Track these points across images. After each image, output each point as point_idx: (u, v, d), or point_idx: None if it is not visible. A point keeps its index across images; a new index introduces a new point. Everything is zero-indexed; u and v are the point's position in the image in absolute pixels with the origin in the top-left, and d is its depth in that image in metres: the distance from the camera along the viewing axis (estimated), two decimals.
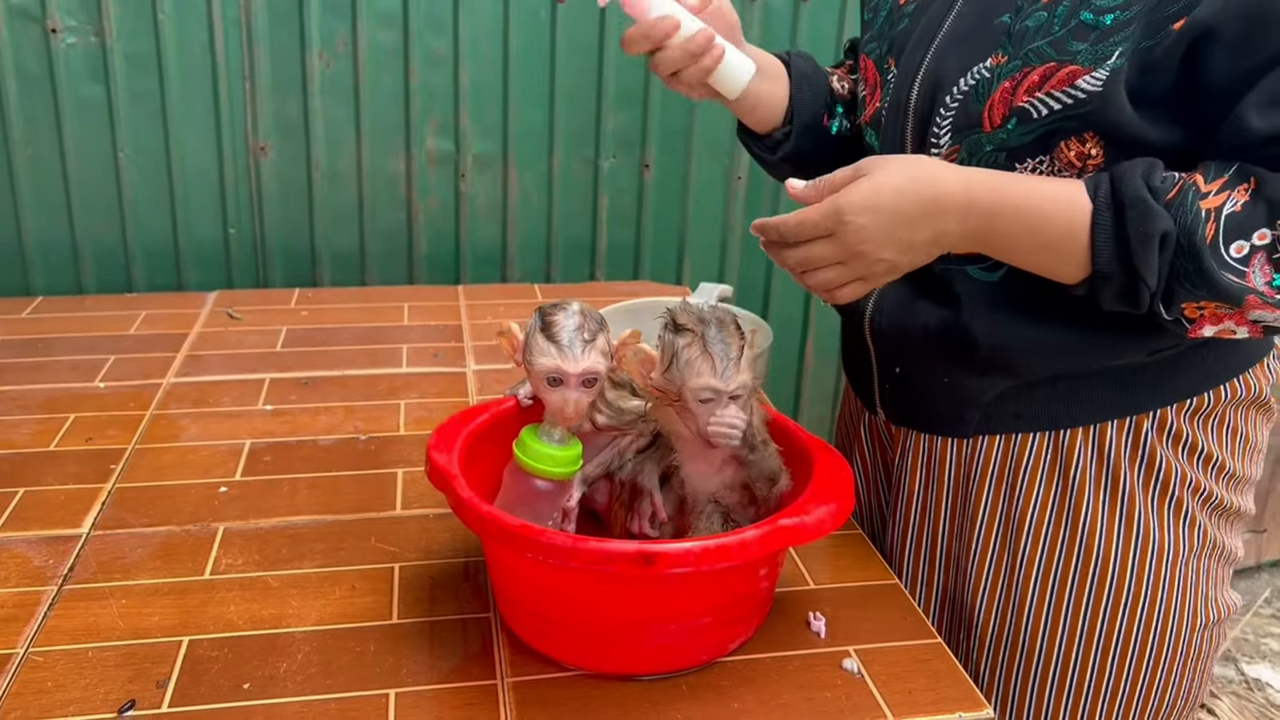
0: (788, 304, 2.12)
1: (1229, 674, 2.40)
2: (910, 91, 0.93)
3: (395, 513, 1.05)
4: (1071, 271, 0.82)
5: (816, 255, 0.82)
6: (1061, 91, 0.82)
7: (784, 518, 0.77)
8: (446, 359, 1.47)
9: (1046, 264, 0.83)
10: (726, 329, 0.83)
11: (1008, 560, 0.97)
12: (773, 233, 0.84)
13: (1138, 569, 0.94)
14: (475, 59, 1.80)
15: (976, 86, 0.87)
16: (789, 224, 0.82)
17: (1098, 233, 0.79)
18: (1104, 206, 0.79)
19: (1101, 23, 0.80)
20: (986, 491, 0.98)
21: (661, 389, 0.84)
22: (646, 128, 1.92)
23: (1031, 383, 0.94)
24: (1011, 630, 0.98)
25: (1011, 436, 0.96)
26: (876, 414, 1.07)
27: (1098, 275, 0.80)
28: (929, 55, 0.92)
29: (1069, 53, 0.82)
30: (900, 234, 0.80)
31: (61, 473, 1.10)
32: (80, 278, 1.76)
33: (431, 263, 1.90)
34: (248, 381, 1.36)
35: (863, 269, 0.82)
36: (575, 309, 0.85)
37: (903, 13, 0.98)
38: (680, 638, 0.81)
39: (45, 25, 1.62)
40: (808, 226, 0.81)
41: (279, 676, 0.81)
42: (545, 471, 0.85)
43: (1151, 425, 0.93)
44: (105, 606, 0.88)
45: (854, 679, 0.82)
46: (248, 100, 1.74)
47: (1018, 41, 0.85)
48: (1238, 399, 0.95)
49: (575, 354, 0.82)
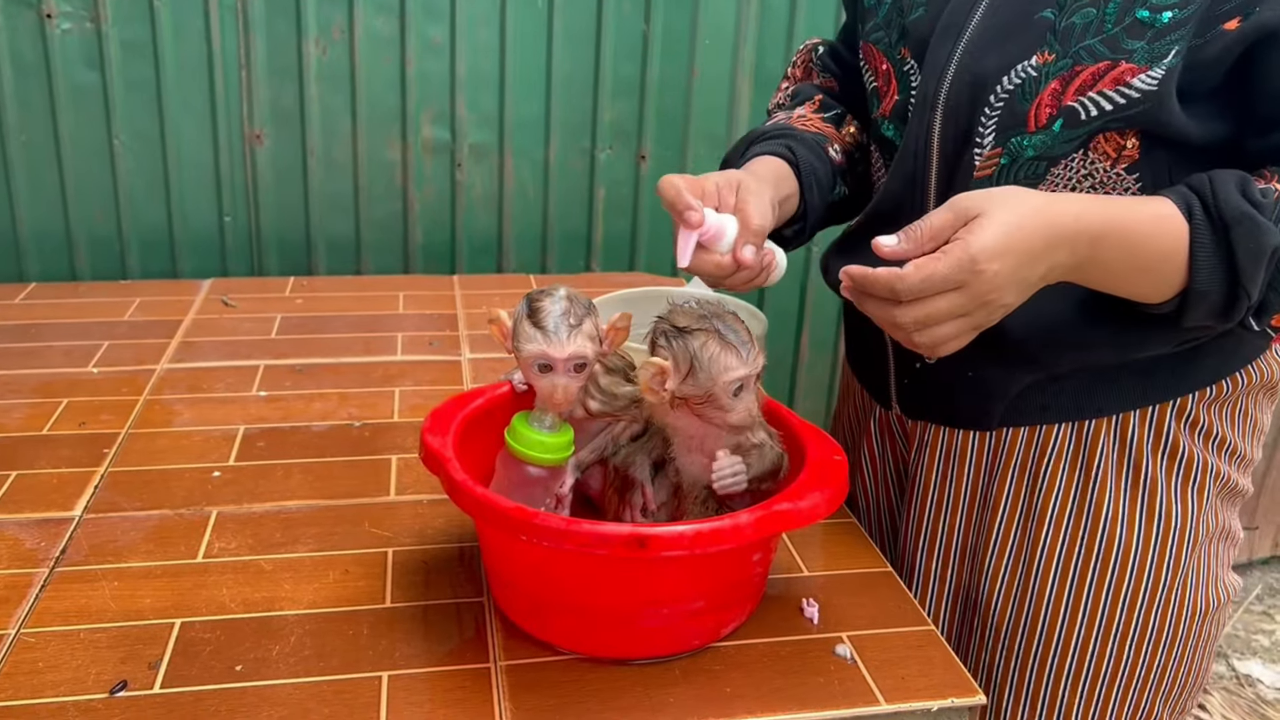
0: (783, 296, 2.11)
1: (1220, 669, 2.40)
2: (939, 86, 0.90)
3: (389, 498, 1.05)
4: (1161, 291, 0.80)
5: (941, 310, 0.75)
6: (1115, 91, 0.81)
7: (778, 503, 0.77)
8: (442, 347, 1.46)
9: (1138, 286, 0.80)
10: (726, 317, 0.83)
11: (1027, 551, 0.97)
12: (882, 289, 0.76)
13: (1158, 556, 0.94)
14: (472, 48, 1.80)
15: (1023, 85, 0.85)
16: (910, 280, 0.74)
17: (1198, 251, 0.77)
18: (1202, 225, 0.77)
19: (1159, 20, 0.79)
20: (1009, 483, 0.98)
21: (686, 395, 0.82)
22: (643, 119, 1.92)
23: (1057, 375, 0.93)
24: (1029, 620, 0.98)
25: (1035, 428, 0.96)
26: (890, 409, 1.06)
27: (1193, 293, 0.78)
28: (959, 49, 0.89)
29: (1124, 50, 0.80)
30: (1024, 274, 0.75)
31: (54, 456, 1.10)
32: (75, 265, 1.75)
33: (427, 252, 1.90)
34: (242, 368, 1.35)
35: (983, 318, 0.77)
36: (562, 294, 0.85)
37: (915, 1, 0.95)
38: (673, 622, 0.81)
39: (40, 11, 1.61)
40: (936, 280, 0.73)
41: (271, 659, 0.81)
42: (536, 458, 0.85)
43: (1173, 413, 0.93)
44: (97, 588, 0.88)
45: (847, 665, 0.83)
46: (243, 88, 1.73)
47: (1065, 39, 0.82)
48: (1251, 384, 0.96)
49: (561, 339, 0.82)
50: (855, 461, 1.14)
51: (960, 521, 1.02)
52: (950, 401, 0.99)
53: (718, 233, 0.87)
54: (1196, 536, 0.96)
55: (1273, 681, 2.38)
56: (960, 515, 1.02)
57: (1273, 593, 2.73)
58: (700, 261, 0.88)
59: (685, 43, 1.90)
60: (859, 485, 1.15)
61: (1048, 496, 0.96)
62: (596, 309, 0.87)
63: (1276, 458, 2.69)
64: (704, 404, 0.82)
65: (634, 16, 1.85)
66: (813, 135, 1.05)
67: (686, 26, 1.89)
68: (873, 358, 1.05)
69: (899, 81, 0.96)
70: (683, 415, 0.85)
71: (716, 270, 0.88)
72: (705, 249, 0.87)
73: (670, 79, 1.91)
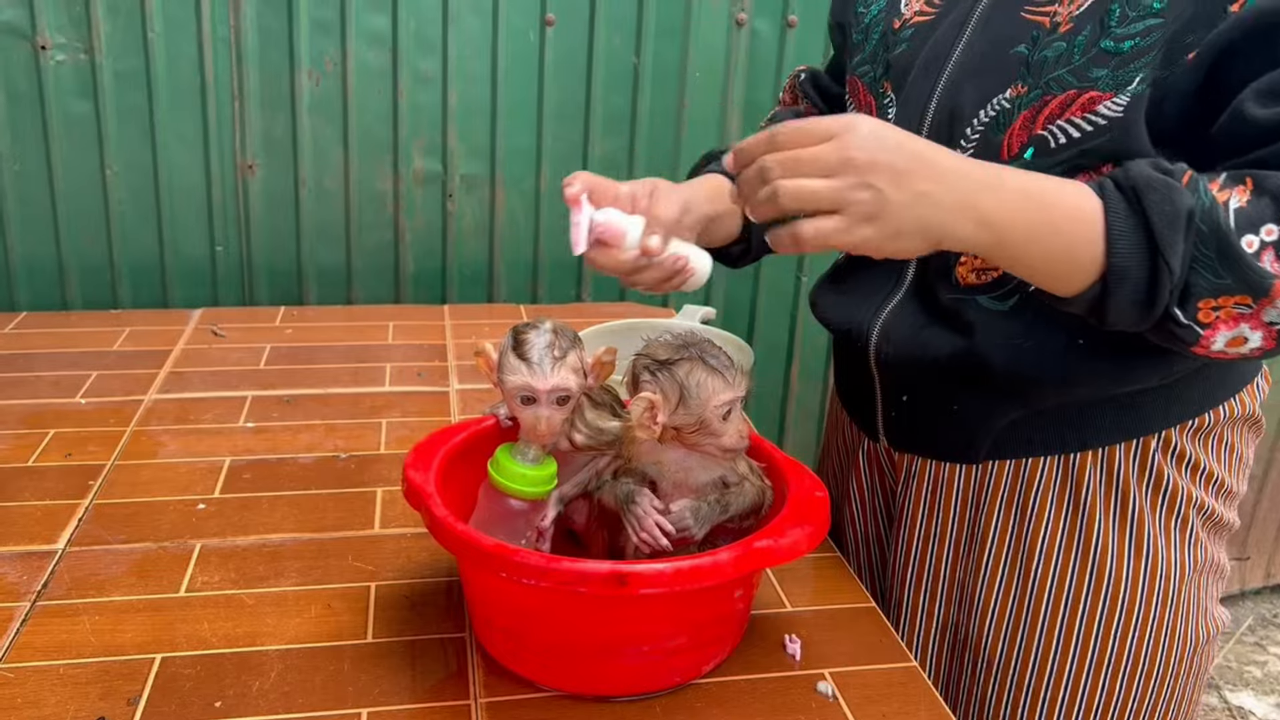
0: (773, 328, 2.12)
1: (1212, 701, 2.39)
2: (921, 121, 0.92)
3: (374, 531, 1.05)
4: (1080, 272, 0.76)
5: (807, 158, 0.72)
6: (1081, 118, 0.82)
7: (758, 539, 0.78)
8: (430, 378, 1.47)
9: (1055, 258, 0.76)
10: (703, 344, 0.84)
11: (1018, 585, 0.97)
12: (757, 145, 0.74)
13: (1147, 590, 0.94)
14: (463, 80, 1.81)
15: (997, 118, 0.86)
16: (784, 126, 0.73)
17: (1114, 221, 0.74)
18: (1114, 196, 0.75)
19: (1121, 48, 0.80)
20: (996, 517, 0.98)
21: (679, 426, 0.83)
22: (634, 150, 1.93)
23: (1041, 409, 0.94)
24: (1021, 654, 0.98)
25: (1022, 461, 0.96)
26: (878, 441, 1.06)
27: (1113, 271, 0.74)
28: (939, 85, 0.91)
29: (1089, 79, 0.81)
30: (901, 162, 0.72)
31: (39, 488, 1.10)
32: (66, 294, 1.76)
33: (418, 282, 1.91)
34: (230, 399, 1.36)
35: (847, 189, 0.71)
36: (547, 327, 0.85)
37: (899, 37, 0.97)
38: (654, 659, 0.80)
39: (35, 42, 1.62)
40: (807, 125, 0.73)
41: (251, 695, 0.80)
42: (519, 491, 0.85)
43: (1158, 445, 0.94)
44: (78, 623, 0.88)
45: (828, 702, 0.82)
46: (236, 118, 1.74)
47: (1037, 71, 0.84)
48: (1234, 417, 0.96)
49: (545, 371, 0.83)
50: (844, 493, 1.14)
51: (948, 555, 1.02)
52: (935, 434, 1.00)
53: (620, 230, 0.89)
54: (1184, 570, 0.96)
55: (1265, 713, 2.38)
56: (948, 549, 1.02)
57: (1264, 624, 2.73)
58: (604, 257, 0.90)
59: (675, 75, 1.91)
60: (847, 517, 1.15)
61: (1037, 529, 0.96)
62: (582, 343, 0.87)
63: (1266, 489, 2.69)
64: (696, 432, 0.83)
65: (624, 49, 1.87)
66: None
67: (676, 59, 1.91)
68: (861, 390, 1.05)
69: (879, 115, 0.97)
70: (670, 449, 0.86)
71: (618, 266, 0.90)
72: (609, 246, 0.90)
73: (660, 111, 1.93)
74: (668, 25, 1.88)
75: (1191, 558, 0.96)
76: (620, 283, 2.00)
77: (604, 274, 0.93)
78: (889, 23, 0.99)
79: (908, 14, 0.98)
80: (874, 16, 1.02)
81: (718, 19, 1.90)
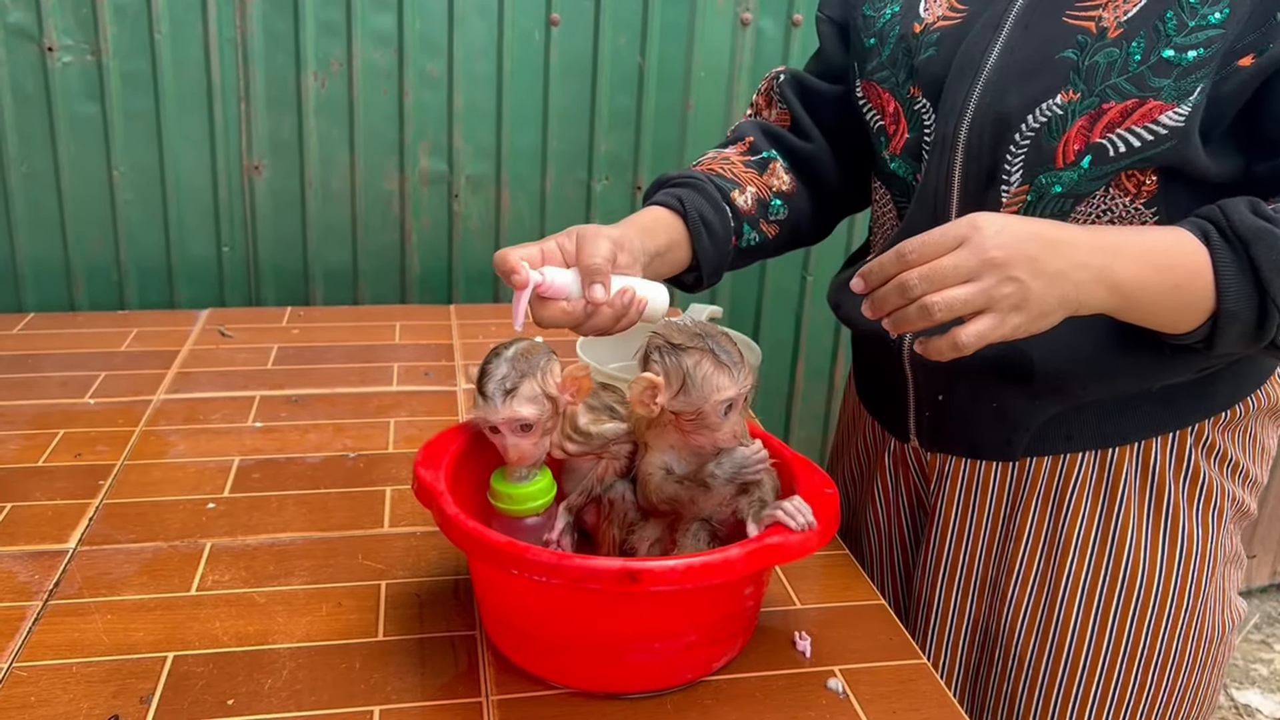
0: (779, 327, 2.12)
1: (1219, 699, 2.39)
2: (958, 126, 0.90)
3: (383, 530, 1.05)
4: (1195, 316, 0.81)
5: (947, 267, 0.74)
6: (1143, 128, 0.82)
7: (769, 536, 0.78)
8: (437, 378, 1.47)
9: (1175, 310, 0.80)
10: (719, 337, 0.84)
11: (1051, 580, 0.98)
12: (890, 258, 0.76)
13: (1180, 582, 0.96)
14: (469, 80, 1.81)
15: (1049, 123, 0.86)
16: (910, 242, 0.75)
17: (1223, 270, 0.78)
18: (1221, 246, 0.79)
19: (1184, 59, 0.81)
20: (1032, 513, 0.99)
21: (676, 411, 0.83)
22: (639, 150, 1.93)
23: (1081, 404, 0.94)
24: (1053, 650, 0.98)
25: (1059, 457, 0.97)
26: (908, 442, 1.06)
27: (1224, 315, 0.79)
28: (976, 89, 0.89)
29: (1151, 89, 0.82)
30: (1033, 250, 0.74)
31: (49, 488, 1.10)
32: (73, 295, 1.76)
33: (424, 282, 1.91)
34: (238, 399, 1.36)
35: (993, 287, 0.74)
36: (509, 355, 0.85)
37: (923, 41, 0.95)
38: (665, 656, 0.81)
39: (42, 44, 1.63)
40: (934, 236, 0.75)
41: (263, 692, 0.81)
42: (518, 511, 0.86)
43: (1192, 438, 0.95)
44: (90, 622, 0.88)
45: (838, 699, 0.83)
46: (242, 119, 1.75)
47: (1090, 78, 0.84)
48: (1260, 408, 0.98)
49: (496, 404, 0.83)
50: (866, 497, 1.14)
51: (981, 553, 1.02)
52: (972, 433, 1.00)
53: (560, 286, 0.87)
54: (1215, 561, 0.97)
55: (1271, 711, 2.38)
56: (981, 546, 1.02)
57: (1270, 621, 2.73)
58: (550, 312, 0.87)
59: (680, 75, 1.92)
60: (870, 518, 1.14)
61: (1072, 525, 0.97)
62: (549, 364, 0.86)
63: (1273, 486, 2.69)
64: (693, 421, 0.83)
65: (629, 49, 1.87)
66: (722, 181, 1.05)
67: (681, 59, 1.91)
68: (891, 391, 1.05)
69: (909, 120, 0.96)
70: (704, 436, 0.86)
71: (566, 318, 0.87)
72: (553, 300, 0.87)
73: (665, 111, 1.93)
74: (673, 25, 1.88)
75: (1222, 548, 0.98)
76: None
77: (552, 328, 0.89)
78: (907, 26, 0.97)
79: (929, 18, 0.96)
80: (888, 20, 1.00)
81: (723, 18, 1.90)
